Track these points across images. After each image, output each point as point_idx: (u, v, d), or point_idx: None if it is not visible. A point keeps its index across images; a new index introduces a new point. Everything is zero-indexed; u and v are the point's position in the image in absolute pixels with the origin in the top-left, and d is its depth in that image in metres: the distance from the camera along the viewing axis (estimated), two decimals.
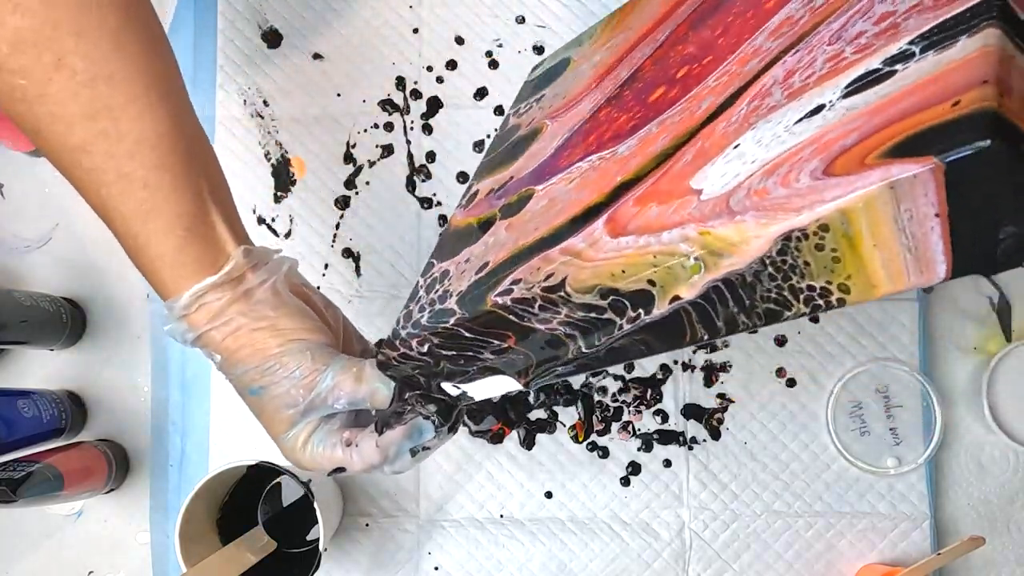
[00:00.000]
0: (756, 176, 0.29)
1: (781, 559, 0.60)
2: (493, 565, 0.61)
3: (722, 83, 0.35)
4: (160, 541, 0.61)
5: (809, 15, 0.33)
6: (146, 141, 0.38)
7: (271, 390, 0.41)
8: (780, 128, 0.30)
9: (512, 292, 0.36)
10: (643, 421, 0.61)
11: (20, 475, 0.52)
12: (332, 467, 0.42)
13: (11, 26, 0.35)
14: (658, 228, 0.31)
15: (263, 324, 0.41)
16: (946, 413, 0.60)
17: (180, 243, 0.39)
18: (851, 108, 0.27)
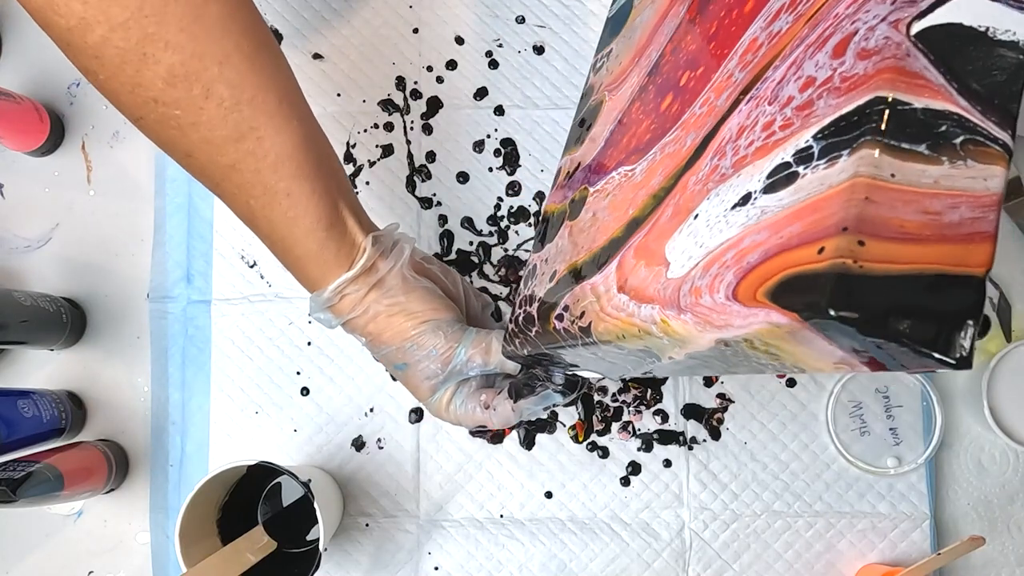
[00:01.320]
0: (698, 269, 0.30)
1: (781, 559, 0.60)
2: (493, 565, 0.61)
3: (702, 115, 0.35)
4: (160, 541, 0.61)
5: (767, 45, 0.32)
6: (286, 154, 0.42)
7: (413, 366, 0.48)
8: (722, 209, 0.30)
9: (563, 319, 0.39)
10: (643, 421, 0.61)
11: (20, 475, 0.52)
12: (474, 425, 0.49)
13: (165, 63, 0.38)
14: (640, 297, 0.33)
15: (397, 309, 0.47)
16: (946, 413, 0.60)
17: (321, 242, 0.44)
18: (764, 212, 0.28)
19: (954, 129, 0.25)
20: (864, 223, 0.23)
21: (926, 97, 0.25)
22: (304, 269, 0.46)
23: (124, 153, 0.65)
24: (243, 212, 0.44)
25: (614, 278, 0.36)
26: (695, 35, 0.39)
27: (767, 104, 0.30)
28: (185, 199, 0.63)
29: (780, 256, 0.26)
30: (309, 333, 0.62)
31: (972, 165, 0.25)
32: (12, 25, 0.66)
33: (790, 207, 0.26)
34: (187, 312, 0.62)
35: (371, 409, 0.62)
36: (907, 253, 0.24)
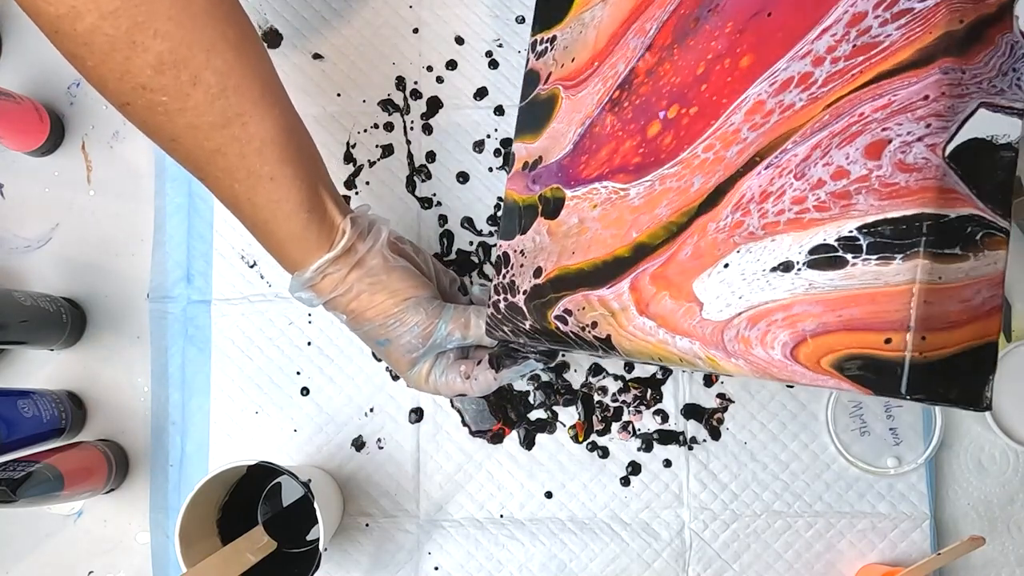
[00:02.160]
0: (743, 320, 0.34)
1: (781, 559, 0.60)
2: (493, 565, 0.61)
3: (709, 161, 0.37)
4: (160, 541, 0.61)
5: (778, 114, 0.35)
6: (270, 139, 0.43)
7: (394, 341, 0.50)
8: (759, 267, 0.34)
9: (567, 323, 0.43)
10: (643, 421, 0.61)
11: (20, 475, 0.52)
12: (453, 394, 0.52)
13: (154, 51, 0.39)
14: (673, 328, 0.37)
15: (379, 288, 0.49)
16: (946, 413, 0.60)
17: (303, 224, 0.46)
18: (813, 286, 0.33)
19: (976, 228, 0.30)
20: (925, 322, 0.29)
21: (958, 207, 0.30)
22: (286, 250, 0.47)
23: (124, 153, 0.65)
24: (227, 196, 0.45)
25: (630, 299, 0.39)
26: (677, 67, 0.40)
27: (793, 178, 0.34)
28: (185, 199, 0.63)
29: (842, 334, 0.31)
30: (309, 333, 0.62)
31: (987, 254, 0.30)
32: (12, 25, 0.66)
33: (845, 290, 0.32)
34: (187, 312, 0.62)
35: (371, 409, 0.62)
36: (953, 337, 0.30)
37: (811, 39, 0.34)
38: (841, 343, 0.31)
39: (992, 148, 0.30)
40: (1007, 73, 0.30)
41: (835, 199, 0.32)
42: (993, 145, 0.30)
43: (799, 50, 0.34)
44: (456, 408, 0.62)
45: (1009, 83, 0.30)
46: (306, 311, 0.62)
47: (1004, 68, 0.30)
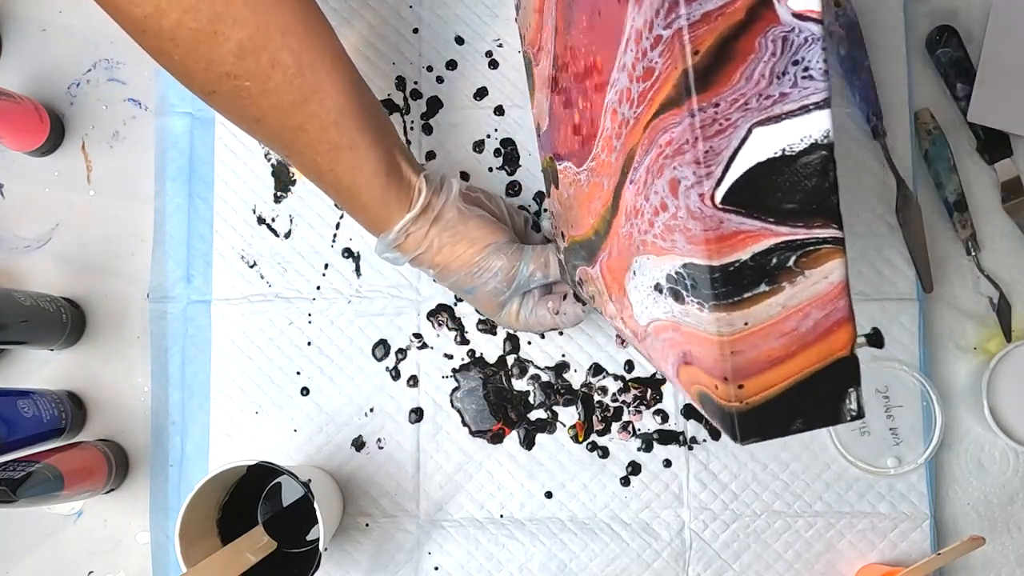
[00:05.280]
0: (652, 328, 0.34)
1: (781, 559, 0.60)
2: (493, 565, 0.61)
3: (605, 164, 0.36)
4: (160, 541, 0.61)
5: (627, 126, 0.31)
6: (346, 111, 0.46)
7: (480, 288, 0.53)
8: (647, 283, 0.33)
9: (582, 288, 0.46)
10: (643, 421, 0.61)
11: (20, 475, 0.52)
12: (544, 329, 0.56)
13: (234, 38, 0.41)
14: (624, 321, 0.38)
15: (459, 238, 0.52)
16: (946, 413, 0.60)
17: (383, 187, 0.49)
18: (673, 313, 0.31)
19: (784, 255, 0.27)
20: (737, 371, 0.27)
21: (750, 245, 0.27)
22: (371, 214, 0.50)
23: (124, 153, 0.65)
24: (311, 168, 0.48)
25: (603, 282, 0.41)
26: (572, 55, 0.37)
27: (644, 199, 0.31)
28: (185, 199, 0.63)
29: (694, 369, 0.30)
30: (309, 333, 0.62)
31: (809, 274, 0.27)
32: (12, 25, 0.66)
33: (687, 328, 0.30)
34: (187, 312, 0.62)
35: (371, 409, 0.62)
36: (780, 373, 0.28)
37: (622, 51, 0.30)
38: (694, 378, 0.30)
39: (788, 161, 0.26)
40: (784, 72, 0.25)
41: (666, 232, 0.30)
42: (789, 157, 0.26)
43: (619, 61, 0.30)
44: (456, 408, 0.62)
45: (792, 81, 0.26)
46: (306, 311, 0.62)
47: (779, 69, 0.25)
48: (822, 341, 0.28)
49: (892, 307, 0.62)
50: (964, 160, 0.63)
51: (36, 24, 0.65)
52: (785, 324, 0.27)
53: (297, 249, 0.63)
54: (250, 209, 0.63)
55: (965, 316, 0.62)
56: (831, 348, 0.28)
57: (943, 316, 0.63)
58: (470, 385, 0.62)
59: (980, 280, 0.63)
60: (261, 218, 0.63)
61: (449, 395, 0.62)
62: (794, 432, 0.28)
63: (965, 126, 0.63)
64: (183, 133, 0.63)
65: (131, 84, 0.66)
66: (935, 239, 0.63)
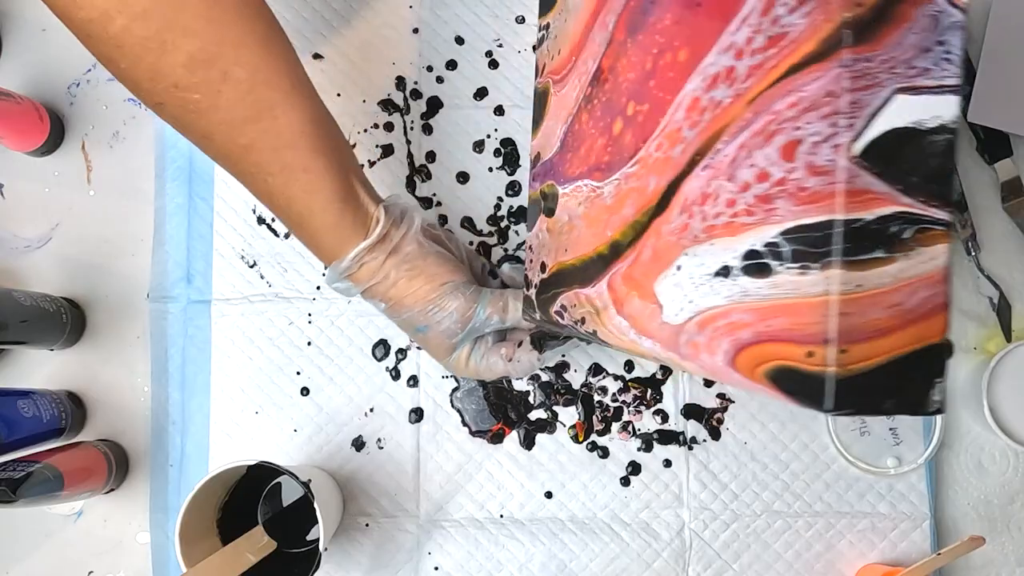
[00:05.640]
0: (693, 325, 0.34)
1: (781, 559, 0.60)
2: (493, 565, 0.61)
3: (660, 160, 0.36)
4: (160, 541, 0.61)
5: (711, 112, 0.32)
6: (302, 132, 0.44)
7: (434, 327, 0.50)
8: (702, 272, 0.33)
9: (564, 317, 0.44)
10: (643, 421, 0.61)
11: (20, 475, 0.52)
12: (495, 377, 0.53)
13: (184, 50, 0.39)
14: (641, 329, 0.37)
15: (416, 273, 0.49)
16: (946, 413, 0.60)
17: (338, 214, 0.46)
18: (745, 294, 0.31)
19: (903, 226, 0.28)
20: (843, 334, 0.27)
21: (876, 207, 0.27)
22: (323, 241, 0.48)
23: (124, 153, 0.65)
24: (262, 190, 0.46)
25: (609, 298, 0.40)
26: (631, 62, 0.38)
27: (725, 180, 0.32)
28: (185, 199, 0.63)
29: (772, 344, 0.30)
30: (309, 333, 0.62)
31: (921, 251, 0.28)
32: (12, 25, 0.66)
33: (771, 299, 0.30)
34: (187, 312, 0.62)
35: (371, 409, 0.62)
36: (881, 346, 0.28)
37: (732, 31, 0.31)
38: (771, 353, 0.30)
39: (918, 135, 0.27)
40: (930, 49, 0.27)
41: (760, 203, 0.30)
42: (920, 131, 0.27)
43: (723, 43, 0.31)
44: (456, 408, 0.62)
45: (935, 60, 0.27)
46: (306, 311, 0.62)
47: (926, 44, 0.27)
48: (921, 323, 0.28)
49: None
50: (964, 160, 0.63)
51: (36, 24, 0.65)
52: (893, 296, 0.28)
53: (297, 249, 0.63)
54: (250, 209, 0.63)
55: (965, 316, 0.63)
56: (927, 333, 0.29)
57: None
58: (470, 385, 0.62)
59: (980, 280, 0.63)
60: (261, 218, 0.63)
61: (449, 395, 0.62)
62: (882, 412, 0.29)
63: (965, 126, 0.63)
64: None
65: None
66: None
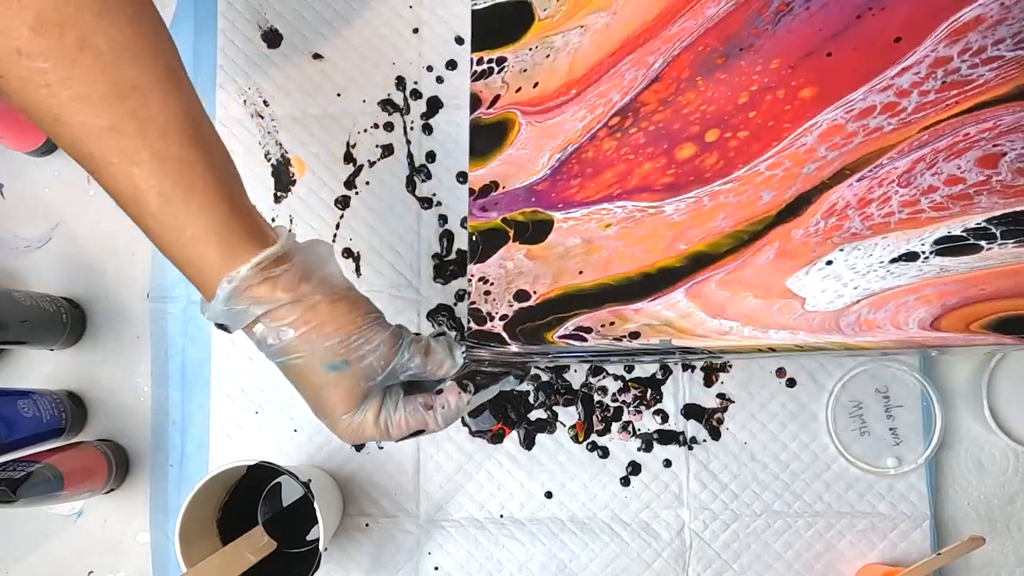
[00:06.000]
0: (863, 305, 0.40)
1: (781, 559, 0.60)
2: (493, 565, 0.61)
3: (779, 177, 0.42)
4: (160, 541, 0.61)
5: (863, 136, 0.41)
6: (177, 119, 0.37)
7: (354, 364, 0.41)
8: (874, 261, 0.40)
9: (586, 339, 0.44)
10: (643, 421, 0.61)
11: (20, 475, 0.52)
12: (409, 432, 0.44)
13: (32, 8, 0.34)
14: (764, 324, 0.41)
15: (339, 296, 0.41)
16: (946, 413, 0.60)
17: (227, 217, 0.39)
18: (945, 270, 0.39)
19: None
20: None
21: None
22: (204, 250, 0.39)
23: None
24: (125, 188, 0.38)
25: (692, 305, 0.42)
26: (705, 97, 0.43)
27: (898, 186, 0.40)
28: None
29: (989, 303, 0.38)
30: None
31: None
32: None
33: (983, 270, 0.38)
34: (187, 312, 0.62)
35: None
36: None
37: (890, 76, 0.41)
38: (992, 309, 0.38)
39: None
40: None
41: (953, 200, 0.39)
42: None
43: (877, 84, 0.41)
44: None
45: None
46: None
47: None
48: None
49: None
50: None
51: None
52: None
53: None
54: None
55: None
56: None
57: None
58: None
59: None
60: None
61: None
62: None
63: None
64: None
65: None
66: None
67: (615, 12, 0.46)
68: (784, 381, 0.61)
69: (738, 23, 0.44)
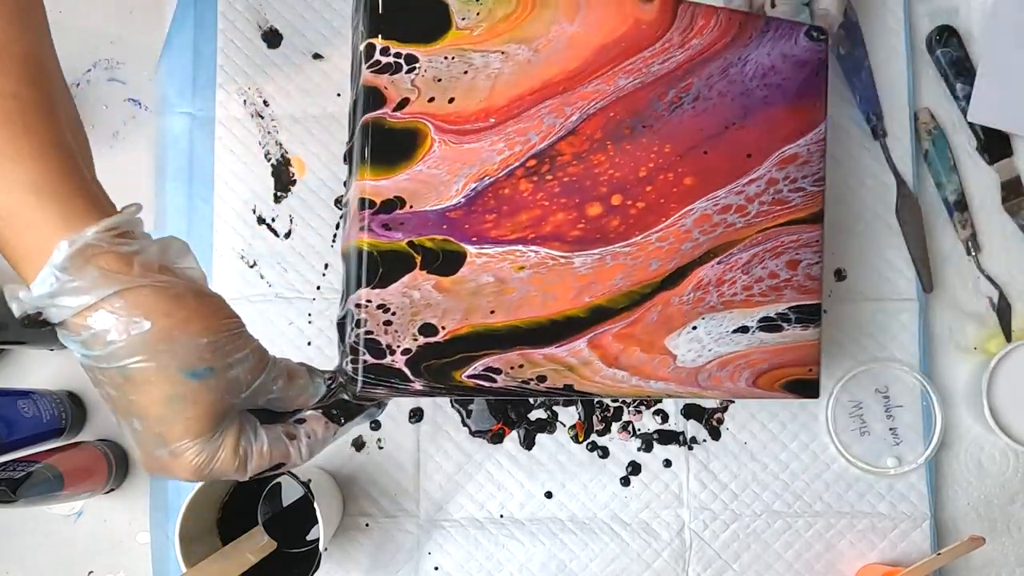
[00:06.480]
0: (714, 364, 0.48)
1: (781, 559, 0.60)
2: (493, 565, 0.61)
3: (664, 250, 0.47)
4: (160, 541, 0.61)
5: (723, 227, 0.48)
6: (13, 51, 0.31)
7: (220, 373, 0.33)
8: (723, 330, 0.49)
9: (495, 381, 0.45)
10: (643, 421, 0.61)
11: (20, 475, 0.52)
12: (269, 465, 0.37)
13: None
14: (648, 375, 0.47)
15: (206, 292, 0.34)
16: (946, 413, 0.60)
17: (68, 171, 0.31)
18: (764, 342, 0.49)
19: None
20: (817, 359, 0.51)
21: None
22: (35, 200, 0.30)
23: (124, 153, 0.65)
24: None
25: (592, 355, 0.46)
26: (614, 163, 0.46)
27: (741, 273, 0.49)
28: (185, 199, 0.63)
29: (783, 369, 0.50)
30: (309, 333, 0.62)
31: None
32: None
33: (780, 345, 0.50)
34: None
35: None
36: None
37: (743, 183, 0.48)
38: (784, 374, 0.50)
39: None
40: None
41: (772, 291, 0.49)
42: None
43: (734, 188, 0.48)
44: (456, 408, 0.62)
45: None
46: (306, 311, 0.62)
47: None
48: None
49: (892, 307, 0.62)
50: (964, 160, 0.63)
51: None
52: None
53: (297, 249, 0.63)
54: (250, 209, 0.63)
55: (965, 316, 0.62)
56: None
57: (943, 316, 0.63)
58: None
59: (980, 280, 0.63)
60: (261, 218, 0.63)
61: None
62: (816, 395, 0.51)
63: (965, 126, 0.63)
64: (183, 133, 0.63)
65: (131, 84, 0.66)
66: (935, 239, 0.63)
67: (536, 50, 0.45)
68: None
69: (643, 101, 0.47)
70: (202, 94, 0.63)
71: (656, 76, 0.47)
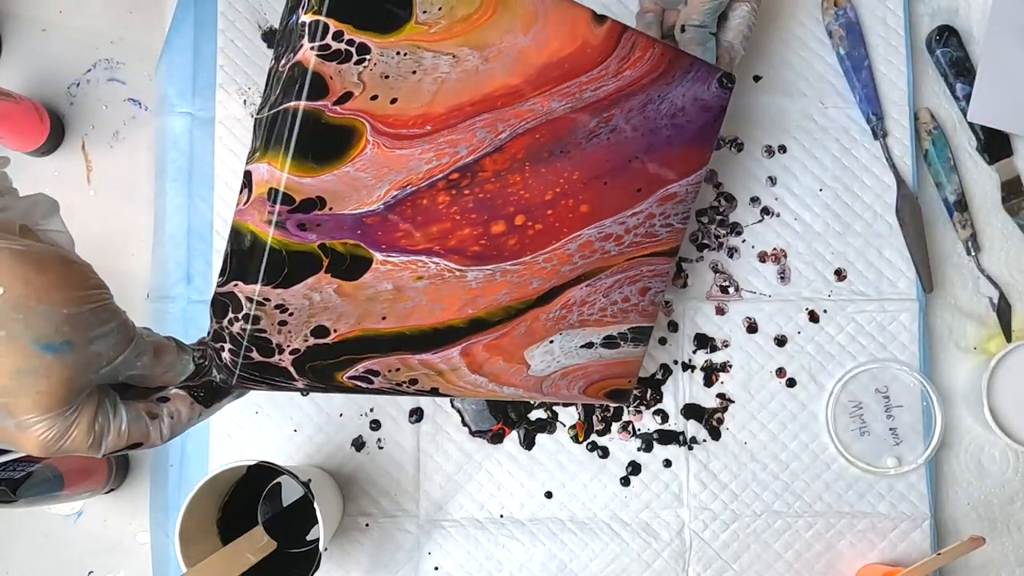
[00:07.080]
0: (558, 375, 0.53)
1: (781, 559, 0.60)
2: (493, 565, 0.61)
3: (547, 270, 0.49)
4: (160, 541, 0.61)
5: (600, 254, 0.51)
6: None
7: (79, 348, 0.31)
8: (573, 345, 0.52)
9: (372, 383, 0.46)
10: (643, 421, 0.61)
11: (20, 475, 0.52)
12: (127, 444, 0.35)
13: None
14: (503, 382, 0.51)
15: (70, 258, 0.31)
16: (946, 413, 0.60)
17: None
18: (601, 356, 0.54)
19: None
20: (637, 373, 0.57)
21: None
22: None
23: (124, 153, 0.65)
24: None
25: (461, 361, 0.48)
26: (527, 184, 0.47)
27: (602, 296, 0.52)
28: (185, 199, 0.63)
29: (610, 380, 0.55)
30: None
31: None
32: (12, 25, 0.66)
33: (614, 359, 0.54)
34: (187, 312, 0.62)
35: (371, 409, 0.62)
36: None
37: (627, 214, 0.51)
38: (609, 384, 0.55)
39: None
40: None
41: (621, 313, 0.54)
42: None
43: (619, 218, 0.51)
44: (456, 408, 0.62)
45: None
46: None
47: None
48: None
49: (892, 307, 0.62)
50: (964, 160, 0.63)
51: (36, 24, 0.66)
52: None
53: None
54: None
55: (965, 316, 0.63)
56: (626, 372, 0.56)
57: (943, 316, 0.63)
58: None
59: (980, 280, 0.63)
60: None
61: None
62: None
63: (965, 126, 0.63)
64: (183, 133, 0.63)
65: (131, 84, 0.66)
66: (935, 239, 0.63)
67: (486, 59, 0.43)
68: (784, 381, 0.62)
69: (567, 127, 0.47)
70: (202, 94, 0.63)
71: (585, 103, 0.47)
